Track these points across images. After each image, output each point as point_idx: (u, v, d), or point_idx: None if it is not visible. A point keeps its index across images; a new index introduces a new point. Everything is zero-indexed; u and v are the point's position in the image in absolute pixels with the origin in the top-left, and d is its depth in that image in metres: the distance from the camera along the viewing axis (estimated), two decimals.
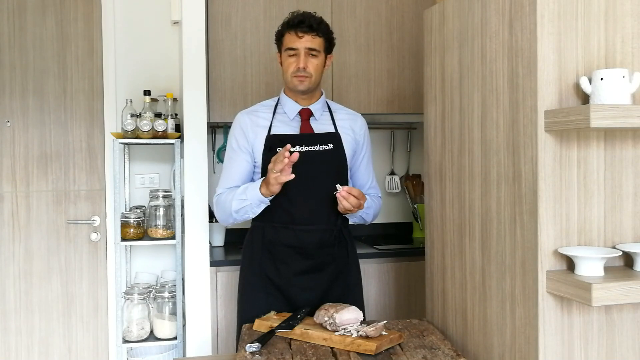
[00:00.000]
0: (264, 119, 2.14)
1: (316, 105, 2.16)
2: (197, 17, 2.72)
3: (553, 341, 1.42)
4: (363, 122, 2.26)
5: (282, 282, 2.10)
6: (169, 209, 2.92)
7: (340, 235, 2.14)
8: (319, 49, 2.08)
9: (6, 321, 3.12)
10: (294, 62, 2.06)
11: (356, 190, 1.99)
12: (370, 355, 1.60)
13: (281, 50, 2.12)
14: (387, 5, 3.12)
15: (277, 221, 2.09)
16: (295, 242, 2.08)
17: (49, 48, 3.16)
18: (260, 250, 2.12)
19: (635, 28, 1.47)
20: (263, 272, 2.11)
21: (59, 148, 3.18)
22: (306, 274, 2.09)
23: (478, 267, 1.69)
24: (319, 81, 2.14)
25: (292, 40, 2.06)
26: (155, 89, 3.17)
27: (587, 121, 1.26)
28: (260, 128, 2.12)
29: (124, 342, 2.85)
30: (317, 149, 2.09)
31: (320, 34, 2.07)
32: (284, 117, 2.15)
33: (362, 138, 2.23)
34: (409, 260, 2.91)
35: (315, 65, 2.08)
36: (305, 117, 2.15)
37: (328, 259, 2.11)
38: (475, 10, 1.68)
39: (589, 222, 1.45)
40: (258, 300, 2.10)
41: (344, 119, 2.21)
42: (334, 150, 2.12)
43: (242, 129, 2.14)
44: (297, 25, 2.05)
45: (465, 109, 1.75)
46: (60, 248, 3.18)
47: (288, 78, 2.09)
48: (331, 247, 2.11)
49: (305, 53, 2.05)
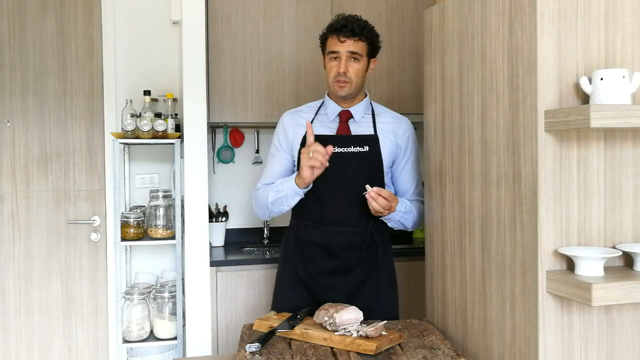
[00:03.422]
0: (305, 119, 2.17)
1: (357, 107, 2.17)
2: (197, 17, 2.72)
3: (553, 341, 1.42)
4: (408, 126, 2.23)
5: (309, 281, 2.13)
6: (169, 209, 2.92)
7: (371, 239, 2.13)
8: (362, 53, 2.08)
9: (6, 321, 3.12)
10: (335, 66, 2.08)
11: (386, 192, 1.98)
12: (370, 355, 1.60)
13: (325, 53, 2.15)
14: (387, 5, 3.12)
15: (309, 220, 2.13)
16: (324, 241, 2.10)
17: (49, 48, 3.16)
18: (293, 247, 2.16)
19: (635, 28, 1.47)
20: (293, 269, 2.16)
21: (59, 148, 3.18)
22: (332, 274, 2.11)
23: (478, 267, 1.69)
24: (361, 85, 2.14)
25: (334, 44, 2.07)
26: (155, 89, 3.17)
27: (587, 121, 1.26)
28: (301, 127, 2.15)
29: (124, 342, 2.85)
30: (352, 150, 2.09)
31: (363, 39, 2.07)
32: (324, 118, 2.18)
33: (405, 142, 2.20)
34: (409, 260, 2.91)
35: (357, 70, 2.08)
36: (344, 118, 2.16)
37: (354, 262, 2.11)
38: (475, 10, 1.68)
39: (589, 222, 1.45)
40: (288, 296, 2.14)
41: (386, 122, 2.19)
42: (369, 152, 2.11)
43: (285, 127, 2.19)
44: (339, 30, 2.06)
45: (465, 109, 1.75)
46: (60, 248, 3.18)
47: (330, 82, 2.12)
48: (359, 250, 2.11)
49: (346, 57, 2.06)
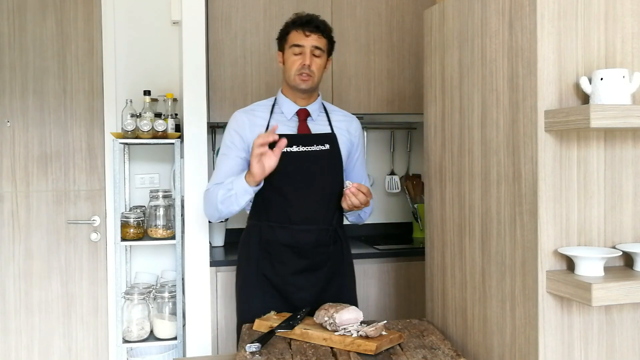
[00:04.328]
0: (261, 118, 2.15)
1: (313, 105, 2.18)
2: (197, 17, 2.72)
3: (553, 341, 1.42)
4: (358, 124, 2.29)
5: (278, 281, 2.11)
6: (169, 209, 2.92)
7: (336, 235, 2.16)
8: (324, 48, 2.11)
9: (6, 321, 3.12)
10: (299, 59, 2.08)
11: (365, 187, 2.03)
12: (370, 355, 1.60)
13: (284, 48, 2.13)
14: (387, 5, 3.12)
15: (273, 220, 2.10)
16: (292, 241, 2.09)
17: (49, 48, 3.16)
18: (257, 249, 2.12)
19: (635, 28, 1.47)
20: (260, 271, 2.12)
21: (59, 148, 3.18)
22: (302, 273, 2.10)
23: (478, 267, 1.69)
24: (319, 82, 2.15)
25: (299, 38, 2.08)
26: (155, 89, 3.17)
27: (587, 121, 1.26)
28: (258, 127, 2.13)
29: (124, 342, 2.85)
30: (314, 149, 2.11)
31: (325, 35, 2.11)
32: (281, 117, 2.16)
33: (357, 140, 2.26)
34: (409, 260, 2.91)
35: (319, 65, 2.10)
36: (303, 117, 2.16)
37: (323, 258, 2.13)
38: (475, 10, 1.68)
39: (589, 222, 1.45)
40: (256, 299, 2.11)
41: (340, 120, 2.23)
42: (330, 150, 2.13)
43: (239, 127, 2.15)
44: (305, 24, 2.08)
45: (465, 109, 1.75)
46: (60, 248, 3.18)
47: (291, 76, 2.10)
48: (327, 247, 2.13)
49: (310, 51, 2.07)
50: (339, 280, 2.17)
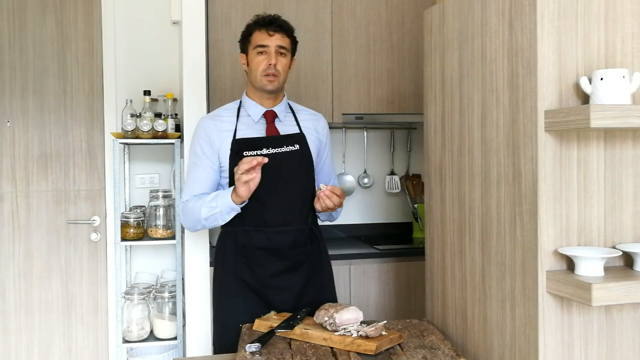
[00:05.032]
0: (228, 122, 2.13)
1: (280, 106, 2.17)
2: (197, 17, 2.72)
3: (553, 341, 1.42)
4: (325, 122, 2.29)
5: (258, 285, 2.09)
6: (169, 209, 2.92)
7: (312, 234, 2.15)
8: (288, 48, 2.11)
9: (6, 321, 3.12)
10: (264, 59, 2.06)
11: (338, 189, 2.04)
12: (370, 355, 1.60)
13: (247, 50, 2.12)
14: (387, 5, 3.12)
15: (249, 225, 2.08)
16: (269, 244, 2.08)
17: (49, 48, 3.16)
18: (234, 254, 2.10)
19: (635, 28, 1.47)
20: (238, 276, 2.10)
21: (59, 148, 3.18)
22: (281, 274, 2.09)
23: (478, 267, 1.69)
24: (285, 82, 2.14)
25: (263, 38, 2.07)
26: (155, 89, 3.17)
27: (587, 121, 1.26)
28: (226, 132, 2.11)
29: (124, 342, 2.85)
30: (284, 150, 2.10)
31: (288, 35, 2.10)
32: (248, 120, 2.14)
33: (324, 138, 2.26)
34: (409, 260, 2.92)
35: (284, 65, 2.09)
36: (270, 119, 2.15)
37: (302, 258, 2.12)
38: (475, 10, 1.68)
39: (589, 222, 1.45)
40: (235, 304, 2.09)
41: (307, 119, 2.23)
42: (300, 150, 2.13)
43: (207, 134, 2.12)
44: (268, 24, 2.07)
45: (465, 109, 1.75)
46: (60, 248, 3.18)
47: (257, 77, 2.09)
48: (304, 247, 2.12)
49: (275, 51, 2.06)
50: (318, 278, 2.17)
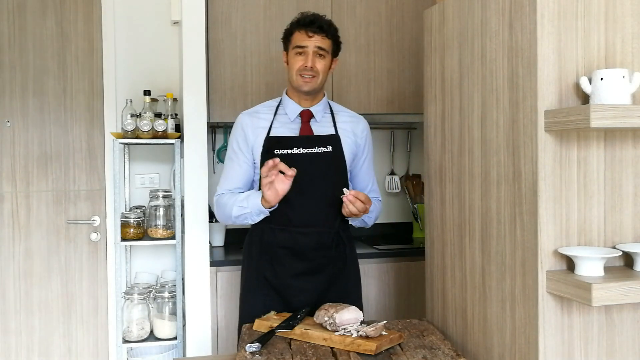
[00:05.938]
0: (264, 120, 2.14)
1: (317, 107, 2.15)
2: (197, 17, 2.72)
3: (553, 341, 1.42)
4: (365, 125, 2.24)
5: (279, 284, 2.10)
6: (169, 209, 2.92)
7: (338, 238, 2.14)
8: (328, 49, 2.09)
9: (6, 321, 3.12)
10: (302, 60, 2.06)
11: (363, 195, 1.99)
12: (370, 355, 1.60)
13: (288, 49, 2.12)
14: (387, 5, 3.12)
15: (275, 223, 2.09)
16: (292, 243, 2.08)
17: (49, 48, 3.16)
18: (259, 251, 2.12)
19: (635, 28, 1.47)
20: (261, 273, 2.11)
21: (59, 148, 3.18)
22: (302, 275, 2.09)
23: (478, 267, 1.69)
24: (324, 83, 2.13)
25: (302, 38, 2.06)
26: (155, 89, 3.17)
27: (587, 121, 1.26)
28: (261, 129, 2.12)
29: (124, 342, 2.85)
30: (316, 151, 2.09)
31: (329, 36, 2.08)
32: (284, 118, 2.15)
33: (363, 141, 2.21)
34: (409, 260, 2.91)
35: (323, 66, 2.08)
36: (306, 119, 2.14)
37: (324, 261, 2.11)
38: (475, 10, 1.68)
39: (589, 222, 1.45)
40: (257, 301, 2.10)
41: (345, 121, 2.20)
42: (332, 152, 2.11)
43: (243, 130, 2.14)
44: (308, 25, 2.05)
45: (465, 109, 1.75)
46: (60, 248, 3.18)
47: (293, 77, 2.09)
48: (328, 250, 2.11)
49: (313, 52, 2.05)
50: (342, 284, 2.14)
